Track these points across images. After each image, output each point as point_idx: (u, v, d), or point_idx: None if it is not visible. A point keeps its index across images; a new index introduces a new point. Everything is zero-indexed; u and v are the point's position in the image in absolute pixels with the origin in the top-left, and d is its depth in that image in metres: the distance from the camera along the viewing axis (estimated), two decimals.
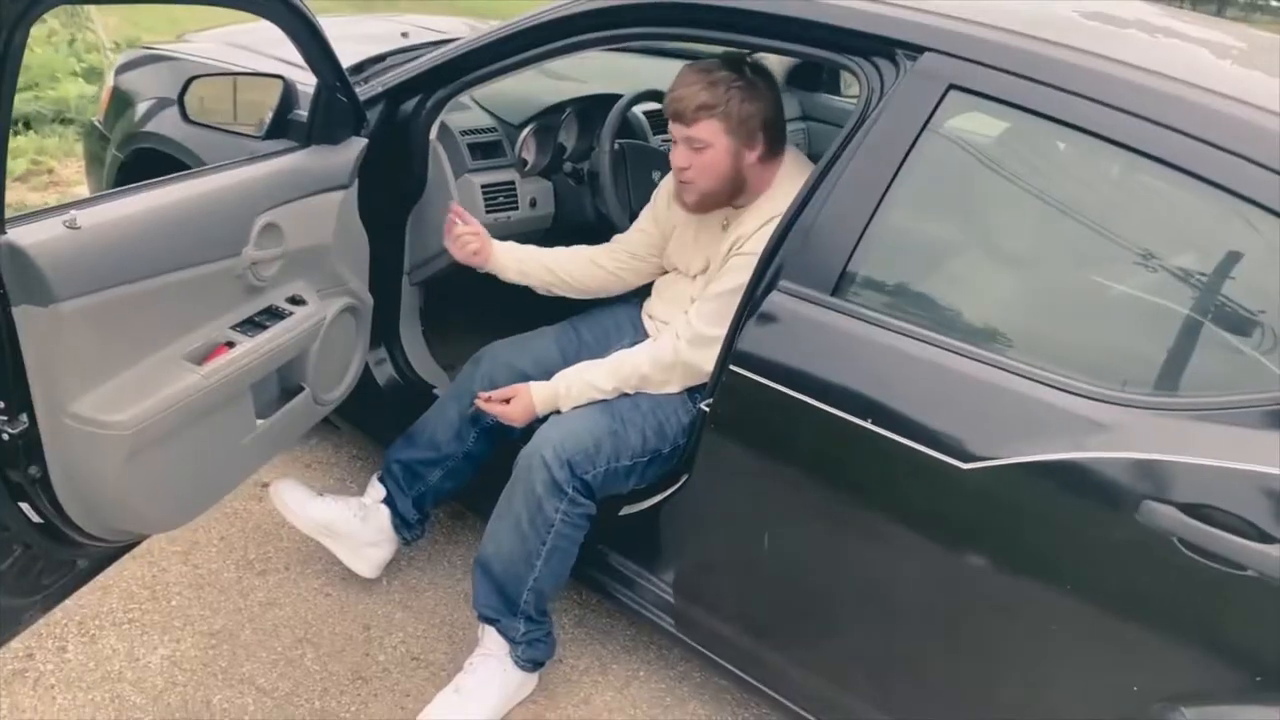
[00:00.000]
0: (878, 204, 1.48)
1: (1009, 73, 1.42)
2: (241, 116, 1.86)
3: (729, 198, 1.83)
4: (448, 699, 1.81)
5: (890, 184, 1.47)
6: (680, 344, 1.80)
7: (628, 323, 2.10)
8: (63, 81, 4.84)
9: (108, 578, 1.98)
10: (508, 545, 1.80)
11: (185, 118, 1.86)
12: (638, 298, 2.15)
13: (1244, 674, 1.23)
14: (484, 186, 2.22)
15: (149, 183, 1.44)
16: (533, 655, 1.85)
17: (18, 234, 1.18)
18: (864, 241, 1.49)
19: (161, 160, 2.23)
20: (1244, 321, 1.35)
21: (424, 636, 2.03)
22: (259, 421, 1.64)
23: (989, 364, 1.38)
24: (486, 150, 2.27)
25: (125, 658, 1.87)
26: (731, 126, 1.74)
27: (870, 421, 1.43)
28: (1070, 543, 1.32)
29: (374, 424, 2.27)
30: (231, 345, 1.51)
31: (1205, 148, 1.30)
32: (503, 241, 2.08)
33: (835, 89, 3.27)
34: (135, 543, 1.63)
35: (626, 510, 1.89)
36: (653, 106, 2.59)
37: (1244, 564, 1.19)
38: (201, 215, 1.47)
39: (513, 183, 2.30)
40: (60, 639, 1.89)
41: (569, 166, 2.45)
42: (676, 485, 1.83)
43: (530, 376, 1.94)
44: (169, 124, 2.24)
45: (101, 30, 5.62)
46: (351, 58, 2.18)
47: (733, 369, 1.57)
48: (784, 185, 1.76)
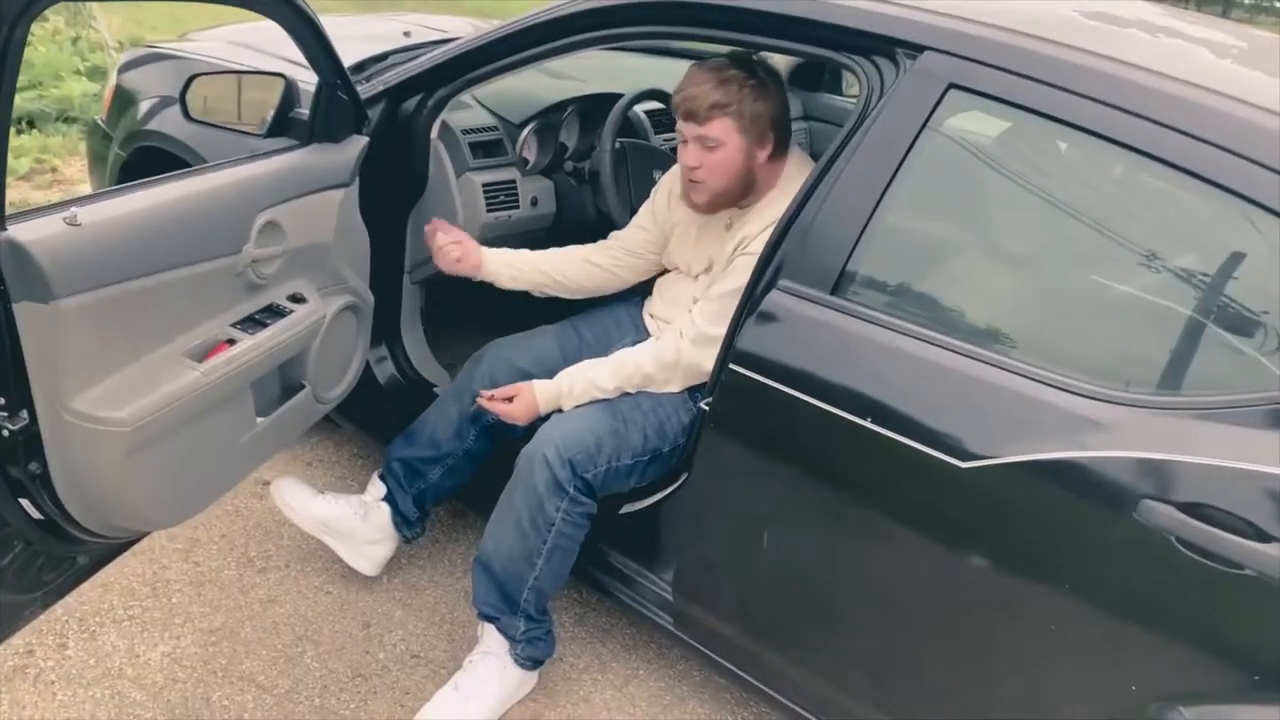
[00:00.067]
0: (877, 203, 1.48)
1: (1009, 72, 1.43)
2: (243, 115, 1.85)
3: (739, 197, 1.83)
4: (447, 697, 1.81)
5: (890, 183, 1.48)
6: (684, 343, 1.80)
7: (628, 322, 2.10)
8: (66, 80, 4.85)
9: (108, 574, 1.99)
10: (508, 543, 1.80)
11: (187, 116, 1.86)
12: (638, 296, 2.15)
13: (1242, 673, 1.23)
14: (485, 185, 2.22)
15: (150, 180, 1.44)
16: (532, 653, 1.85)
17: (18, 230, 1.18)
18: (863, 240, 1.49)
19: (164, 159, 2.24)
20: (1243, 321, 1.35)
21: (424, 634, 2.03)
22: (259, 419, 1.64)
23: (988, 363, 1.38)
24: (488, 149, 2.27)
25: (126, 654, 1.88)
26: (744, 125, 1.74)
27: (869, 420, 1.43)
28: (1069, 542, 1.32)
29: (375, 422, 2.27)
30: (232, 343, 1.51)
31: (1206, 147, 1.30)
32: (494, 248, 2.07)
33: (837, 89, 3.27)
34: (135, 539, 1.63)
35: (627, 509, 1.89)
36: (654, 106, 2.60)
37: (1242, 563, 1.19)
38: (202, 213, 1.47)
39: (514, 181, 2.31)
40: (61, 635, 1.89)
41: (570, 165, 2.45)
42: (676, 484, 1.83)
43: (531, 375, 1.93)
44: (171, 122, 2.25)
45: (105, 29, 5.63)
46: (354, 57, 2.18)
47: (732, 368, 1.57)
48: (789, 185, 1.76)
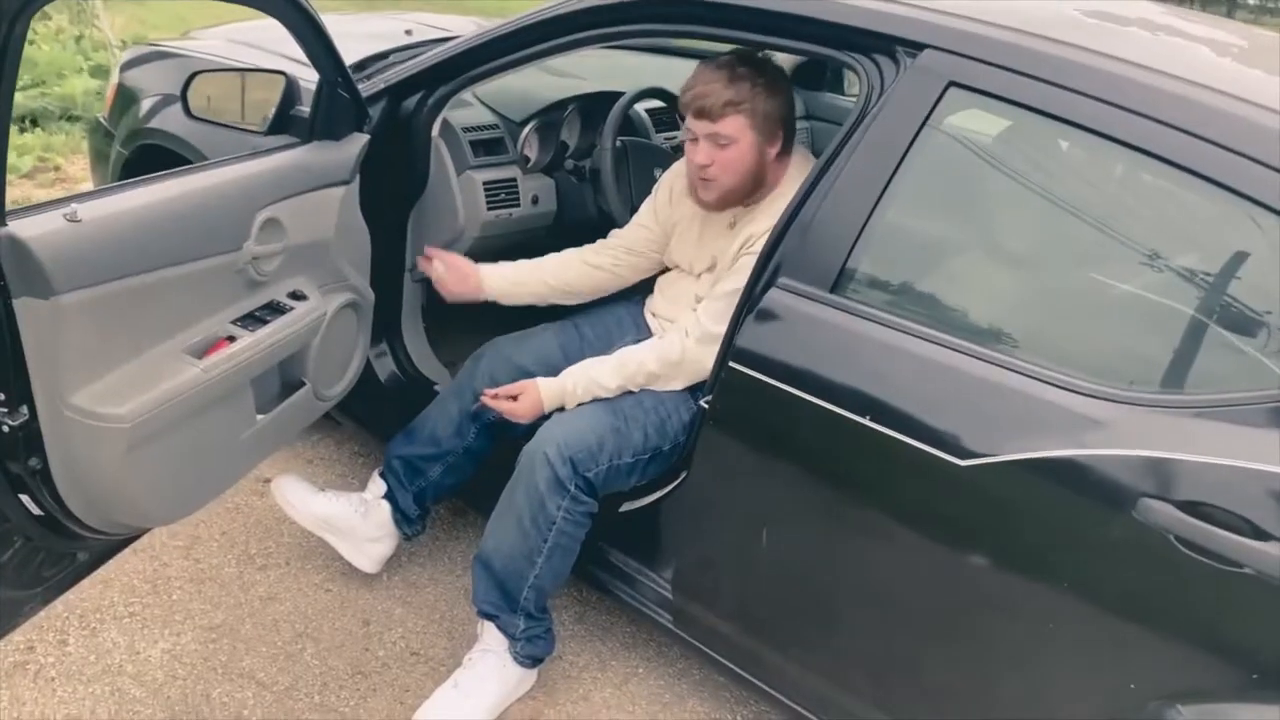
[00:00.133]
0: (877, 201, 1.48)
1: (1009, 70, 1.42)
2: (244, 112, 1.86)
3: (748, 194, 1.82)
4: (446, 694, 1.81)
5: (890, 181, 1.48)
6: (689, 342, 1.80)
7: (629, 320, 2.10)
8: (69, 78, 4.86)
9: (109, 571, 1.99)
10: (509, 542, 1.80)
11: (188, 113, 1.87)
12: (639, 295, 2.14)
13: (1241, 672, 1.23)
14: (486, 183, 2.22)
15: (150, 177, 1.44)
16: (532, 651, 1.85)
17: (18, 226, 1.18)
18: (863, 238, 1.49)
19: (166, 156, 2.24)
20: (1242, 319, 1.34)
21: (424, 632, 2.03)
22: (259, 416, 1.64)
23: (987, 361, 1.38)
24: (489, 147, 2.27)
25: (126, 651, 1.88)
26: (756, 123, 1.74)
27: (869, 418, 1.43)
28: (1068, 540, 1.32)
29: (375, 420, 2.27)
30: (232, 339, 1.51)
31: (1206, 146, 1.30)
32: (492, 262, 2.07)
33: (839, 88, 3.27)
34: (136, 536, 1.64)
35: (626, 507, 1.89)
36: (655, 104, 2.60)
37: (1241, 562, 1.18)
38: (202, 210, 1.47)
39: (515, 180, 2.31)
40: (61, 632, 1.90)
41: (571, 164, 2.45)
42: (676, 482, 1.83)
43: (531, 373, 1.93)
44: (173, 120, 2.25)
45: (108, 28, 5.65)
46: (355, 55, 2.18)
47: (732, 366, 1.57)
48: (793, 184, 1.76)
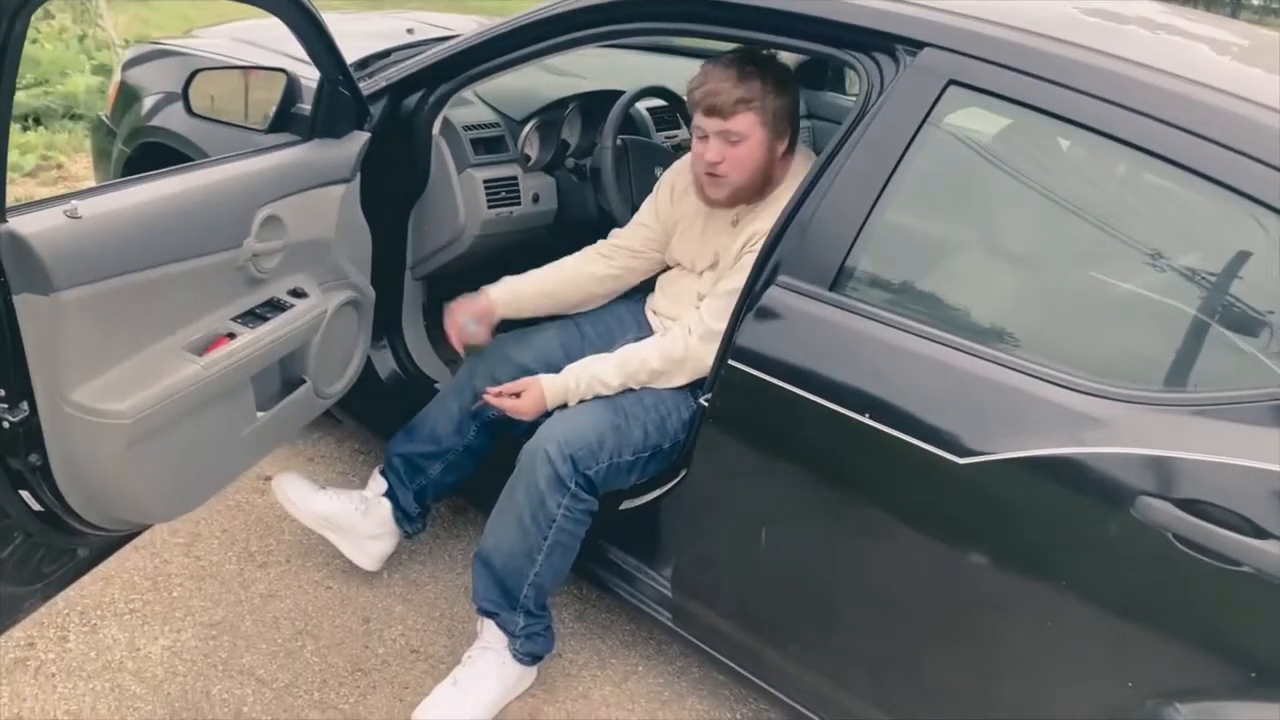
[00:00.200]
0: (876, 199, 1.48)
1: (1009, 68, 1.42)
2: (245, 110, 1.86)
3: (755, 192, 1.82)
4: (446, 692, 1.82)
5: (889, 179, 1.48)
6: (692, 340, 1.80)
7: (630, 319, 2.10)
8: (72, 77, 4.87)
9: (109, 568, 2.00)
10: (509, 539, 1.80)
11: (189, 111, 1.87)
12: (640, 293, 2.14)
13: (1239, 670, 1.23)
14: (486, 181, 2.23)
15: (151, 174, 1.44)
16: (531, 649, 1.86)
17: (19, 223, 1.19)
18: (862, 236, 1.49)
19: (168, 154, 2.25)
20: (1242, 318, 1.34)
21: (423, 630, 2.04)
22: (260, 413, 1.64)
23: (986, 359, 1.38)
24: (489, 145, 2.27)
25: (126, 648, 1.88)
26: (767, 120, 1.75)
27: (868, 416, 1.43)
28: (1066, 538, 1.32)
29: (376, 418, 2.27)
30: (232, 336, 1.52)
31: (1207, 145, 1.29)
32: (498, 281, 2.05)
33: (840, 87, 3.27)
34: (136, 532, 1.64)
35: (626, 505, 1.89)
36: (656, 103, 2.60)
37: (1240, 560, 1.18)
38: (203, 207, 1.48)
39: (515, 178, 2.31)
40: (62, 628, 1.90)
41: (572, 162, 2.45)
42: (676, 480, 1.83)
43: (532, 371, 1.93)
44: (175, 118, 2.25)
45: (111, 27, 5.66)
46: (358, 54, 2.19)
47: (731, 364, 1.57)
48: (796, 182, 1.75)
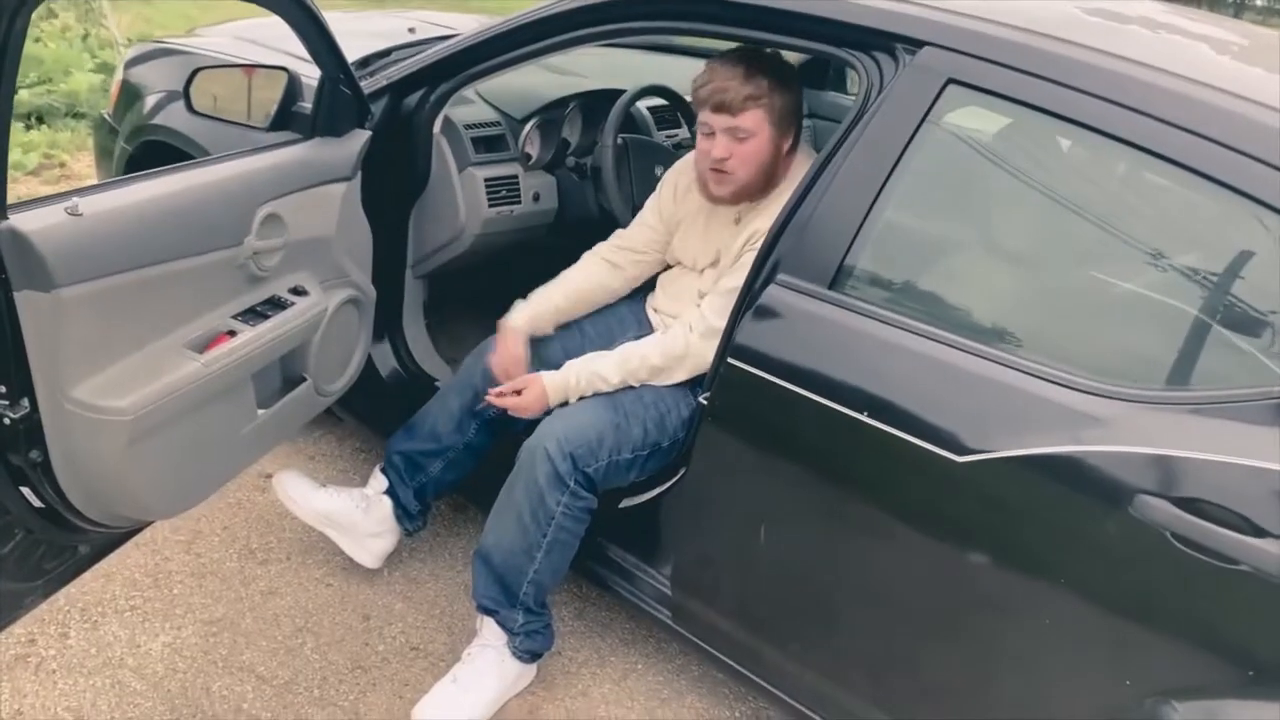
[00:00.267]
0: (875, 197, 1.48)
1: (1008, 67, 1.42)
2: (246, 108, 1.86)
3: (760, 189, 1.83)
4: (445, 689, 1.82)
5: (888, 178, 1.48)
6: (693, 337, 1.81)
7: (631, 317, 2.10)
8: (74, 76, 4.88)
9: (110, 565, 2.00)
10: (508, 537, 1.80)
11: (190, 109, 1.88)
12: (640, 292, 2.14)
13: (1237, 669, 1.23)
14: (487, 180, 2.23)
15: (152, 172, 1.45)
16: (531, 647, 1.86)
17: (20, 220, 1.19)
18: (862, 235, 1.49)
19: (169, 153, 2.25)
20: (1241, 317, 1.34)
21: (423, 627, 2.04)
22: (260, 411, 1.64)
23: (984, 358, 1.38)
24: (490, 144, 2.27)
25: (127, 644, 1.89)
26: (774, 117, 1.76)
27: (866, 415, 1.43)
28: (1064, 537, 1.32)
29: (377, 416, 2.28)
30: (233, 334, 1.52)
31: (1206, 144, 1.29)
32: (513, 316, 2.00)
33: (842, 87, 3.26)
34: (137, 529, 1.64)
35: (626, 503, 1.90)
36: (656, 102, 2.60)
37: (1237, 559, 1.18)
38: (204, 204, 1.48)
39: (516, 177, 2.31)
40: (62, 625, 1.90)
41: (572, 161, 2.46)
42: (675, 478, 1.83)
43: (532, 369, 1.94)
44: (176, 117, 2.25)
45: (114, 26, 5.66)
46: (359, 53, 2.19)
47: (731, 362, 1.57)
48: (797, 181, 1.76)
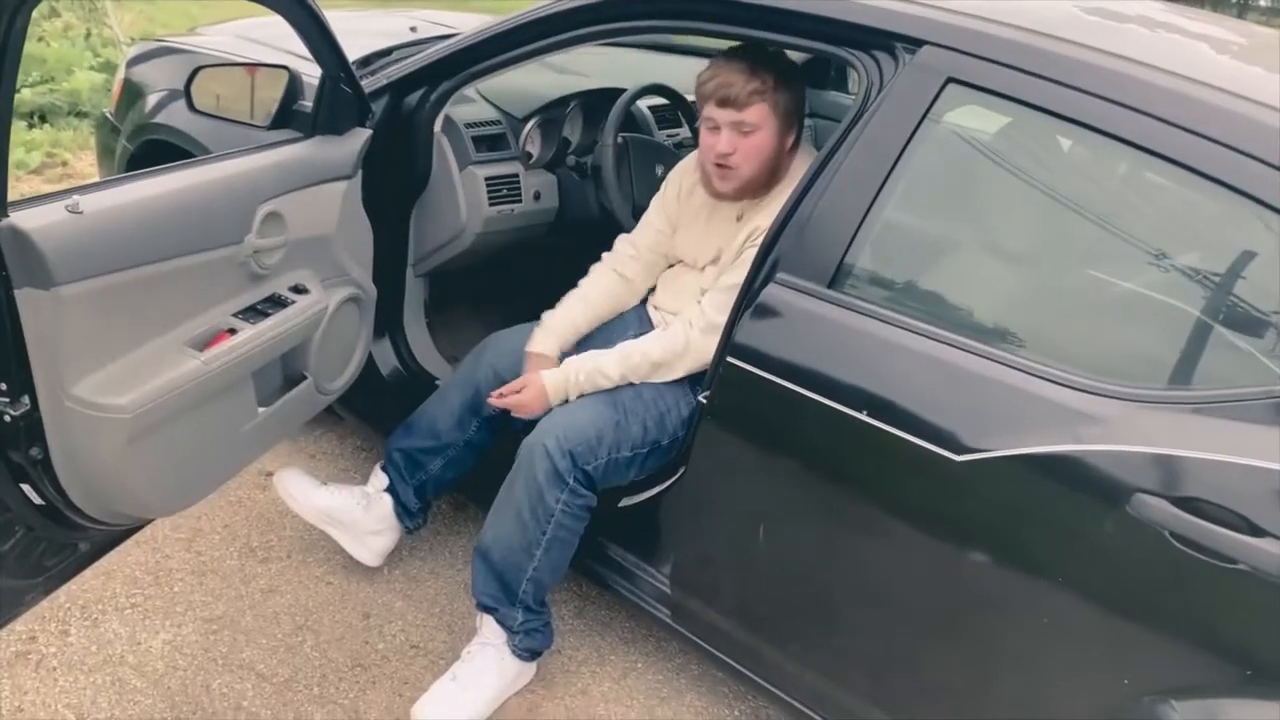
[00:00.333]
0: (875, 197, 1.48)
1: (1008, 66, 1.42)
2: (247, 107, 1.86)
3: (763, 185, 1.83)
4: (445, 687, 1.82)
5: (888, 177, 1.48)
6: (693, 332, 1.81)
7: (632, 315, 2.10)
8: (76, 74, 4.88)
9: (111, 563, 2.01)
10: (507, 534, 1.81)
11: (191, 107, 1.88)
12: None
13: (1235, 668, 1.23)
14: (488, 179, 2.23)
15: (152, 170, 1.45)
16: (530, 645, 1.86)
17: (20, 217, 1.19)
18: (861, 234, 1.49)
19: (171, 152, 2.25)
20: (1240, 316, 1.34)
21: (423, 625, 2.04)
22: (261, 409, 1.64)
23: (984, 356, 1.38)
24: (491, 143, 2.27)
25: (127, 642, 1.89)
26: (778, 112, 1.77)
27: (865, 414, 1.43)
28: (1062, 536, 1.32)
29: (377, 415, 2.28)
30: (233, 332, 1.52)
31: (1205, 143, 1.29)
32: (537, 341, 1.98)
33: (843, 86, 3.26)
34: (137, 527, 1.65)
35: (625, 502, 1.90)
36: (657, 101, 2.61)
37: (1236, 558, 1.18)
38: (204, 202, 1.48)
39: (516, 176, 2.31)
40: (63, 622, 1.91)
41: (573, 160, 2.46)
42: (675, 477, 1.83)
43: None
44: (178, 115, 2.26)
45: (117, 25, 5.67)
46: (360, 52, 2.20)
47: (730, 361, 1.58)
48: (798, 178, 1.76)
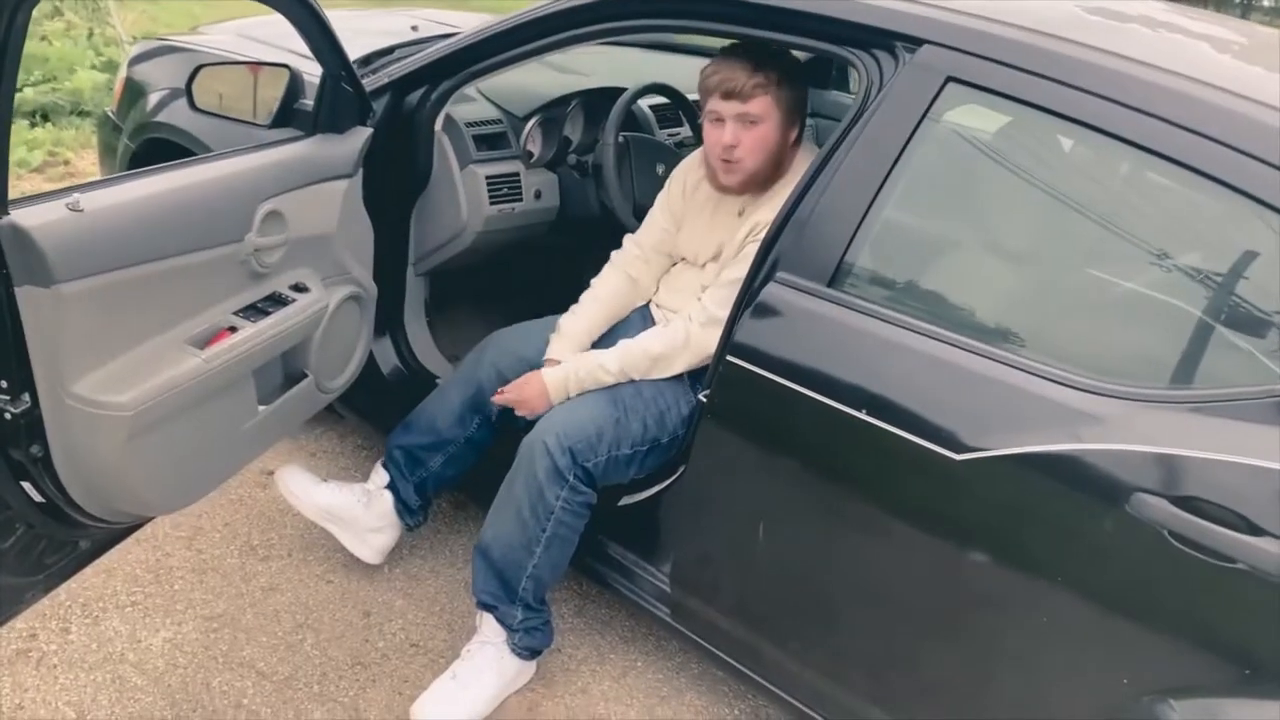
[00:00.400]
0: (875, 196, 1.48)
1: (1008, 66, 1.42)
2: (248, 105, 1.87)
3: (767, 179, 1.83)
4: (445, 685, 1.82)
5: (888, 176, 1.48)
6: (693, 326, 1.81)
7: (636, 315, 2.10)
8: (78, 73, 4.89)
9: (112, 561, 2.01)
10: (507, 531, 1.81)
11: (192, 106, 1.88)
12: None
13: (1234, 667, 1.22)
14: (489, 178, 2.23)
15: (153, 168, 1.45)
16: (530, 643, 1.86)
17: (21, 215, 1.19)
18: (861, 233, 1.49)
19: (172, 150, 2.26)
20: (1239, 315, 1.34)
21: (423, 624, 2.04)
22: (261, 407, 1.64)
23: (983, 355, 1.38)
24: (491, 142, 2.28)
25: (127, 640, 1.90)
26: (782, 106, 1.77)
27: (865, 413, 1.43)
28: (1061, 535, 1.32)
29: (378, 413, 2.28)
30: (234, 330, 1.52)
31: (1205, 143, 1.29)
32: (555, 347, 1.96)
33: (844, 86, 3.26)
34: (138, 525, 1.65)
35: (625, 501, 1.90)
36: (658, 100, 2.61)
37: (1234, 557, 1.18)
38: (205, 201, 1.48)
39: (517, 174, 2.31)
40: (64, 620, 1.91)
41: (573, 159, 2.46)
42: (675, 476, 1.83)
43: (535, 365, 1.94)
44: (179, 114, 2.26)
45: (119, 24, 5.68)
46: (361, 51, 2.20)
47: (730, 360, 1.58)
48: (800, 175, 1.77)
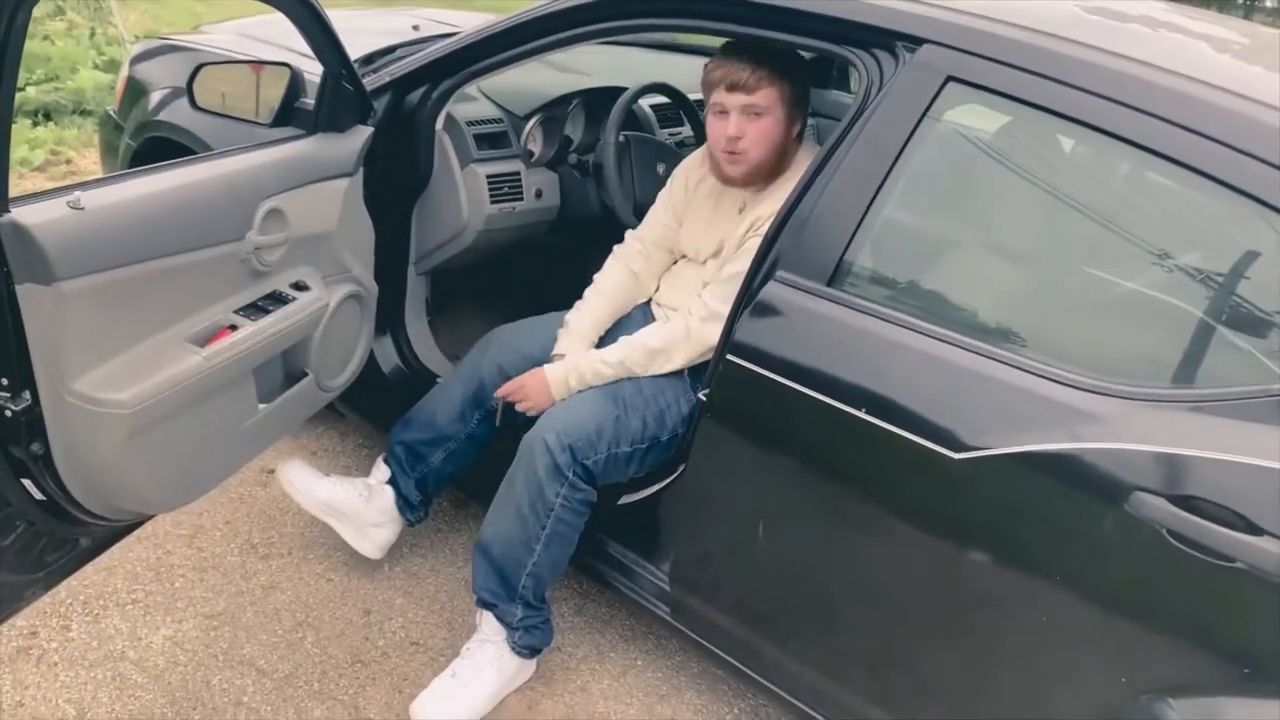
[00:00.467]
0: (875, 195, 1.48)
1: (1007, 65, 1.42)
2: (249, 104, 1.87)
3: (770, 173, 1.84)
4: (444, 684, 1.82)
5: (887, 175, 1.48)
6: (693, 320, 1.82)
7: (637, 312, 2.10)
8: (81, 72, 4.90)
9: (112, 558, 2.01)
10: (507, 529, 1.81)
11: (193, 105, 1.89)
12: None
13: (1232, 667, 1.23)
14: (489, 177, 2.24)
15: (154, 166, 1.45)
16: (530, 642, 1.87)
17: (21, 213, 1.20)
18: (861, 232, 1.50)
19: (174, 149, 2.26)
20: (1239, 315, 1.34)
21: (424, 622, 2.05)
22: (261, 405, 1.65)
23: (982, 355, 1.38)
24: (492, 141, 2.28)
25: (128, 637, 1.90)
26: (785, 99, 1.78)
27: (864, 411, 1.43)
28: (1060, 534, 1.32)
29: (379, 412, 2.28)
30: (234, 328, 1.52)
31: (1205, 142, 1.29)
32: (563, 344, 1.97)
33: (845, 85, 3.26)
34: (138, 523, 1.65)
35: (625, 499, 1.90)
36: (659, 99, 2.61)
37: (1233, 556, 1.18)
38: (205, 199, 1.49)
39: (518, 174, 2.31)
40: (64, 618, 1.92)
41: (574, 158, 2.46)
42: (674, 475, 1.83)
43: (538, 361, 1.94)
44: (181, 113, 2.27)
45: (121, 24, 5.69)
46: (363, 50, 2.20)
47: (730, 359, 1.58)
48: (801, 172, 1.77)
